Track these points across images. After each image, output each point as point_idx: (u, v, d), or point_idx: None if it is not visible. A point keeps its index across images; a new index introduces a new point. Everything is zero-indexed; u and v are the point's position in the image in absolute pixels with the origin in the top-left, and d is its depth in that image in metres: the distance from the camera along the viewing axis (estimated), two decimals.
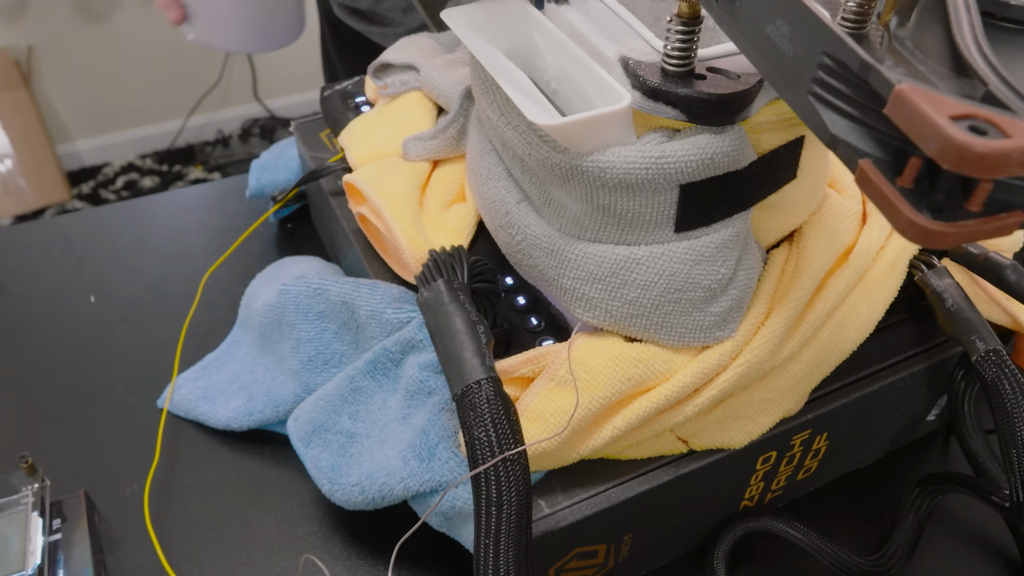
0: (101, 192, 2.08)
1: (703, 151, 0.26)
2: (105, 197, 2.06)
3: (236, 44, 0.50)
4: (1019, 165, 0.15)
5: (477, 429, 0.25)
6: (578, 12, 0.30)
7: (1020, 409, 0.29)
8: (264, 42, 0.50)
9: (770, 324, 0.30)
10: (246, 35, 0.50)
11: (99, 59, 2.00)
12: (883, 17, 0.26)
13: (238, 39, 0.50)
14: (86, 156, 2.14)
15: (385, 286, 0.37)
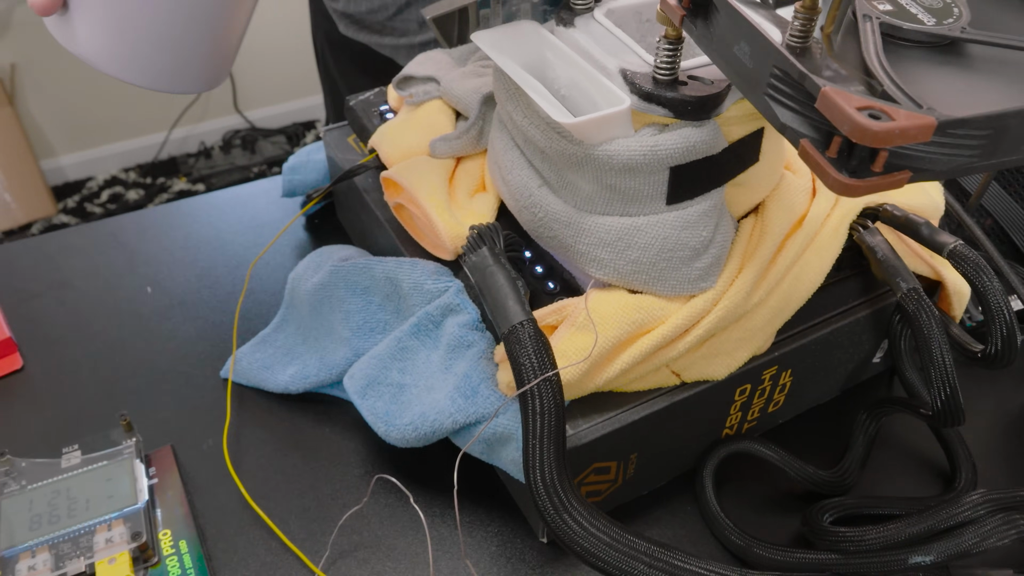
0: (86, 206, 2.12)
1: (687, 140, 0.34)
2: (91, 210, 2.10)
3: (109, 65, 0.35)
4: (901, 138, 0.23)
5: (522, 358, 0.32)
6: (582, 33, 0.38)
7: (934, 334, 0.37)
8: (148, 77, 0.35)
9: (742, 277, 0.38)
10: (125, 60, 0.35)
11: (81, 75, 2.04)
12: (825, 29, 0.33)
13: (113, 61, 0.35)
14: (70, 171, 2.18)
15: (423, 262, 0.44)
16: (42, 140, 2.10)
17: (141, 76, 0.35)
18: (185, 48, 0.34)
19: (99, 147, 2.19)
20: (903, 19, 0.27)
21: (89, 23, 0.33)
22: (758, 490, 0.44)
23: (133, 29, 0.33)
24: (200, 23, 0.34)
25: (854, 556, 0.37)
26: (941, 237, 0.38)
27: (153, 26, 0.33)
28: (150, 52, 0.33)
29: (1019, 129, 0.24)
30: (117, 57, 0.34)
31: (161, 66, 0.34)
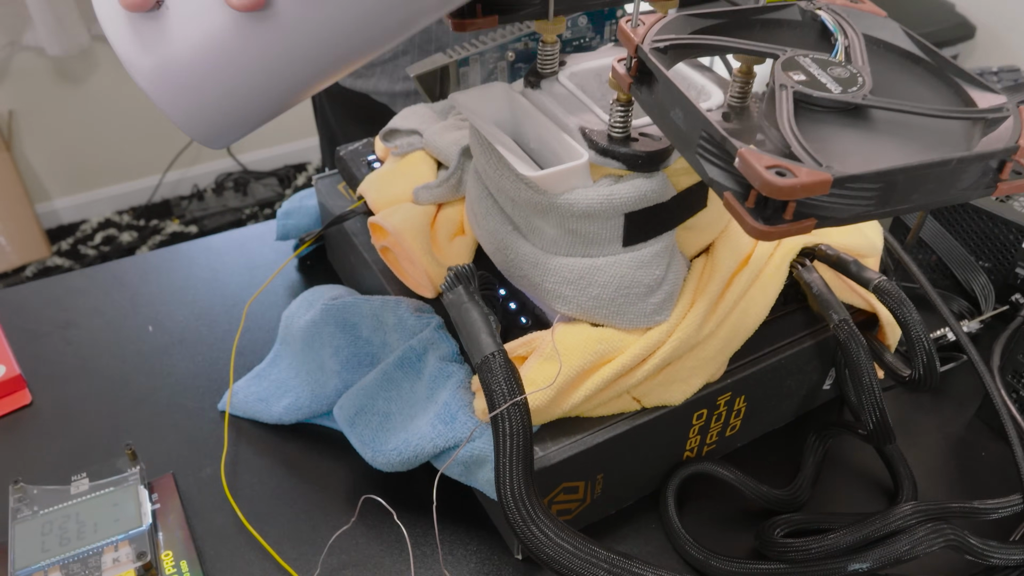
0: (80, 248, 2.15)
1: (639, 190, 0.38)
2: (84, 252, 2.13)
3: (173, 108, 0.32)
4: (803, 192, 0.27)
5: (493, 384, 0.36)
6: (547, 94, 0.43)
7: (862, 361, 0.41)
8: (196, 126, 0.33)
9: (694, 311, 0.42)
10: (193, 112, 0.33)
11: (77, 120, 2.09)
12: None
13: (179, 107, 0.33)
14: (64, 214, 2.22)
15: (407, 300, 0.48)
16: (37, 184, 2.14)
17: (182, 117, 0.32)
18: (237, 115, 0.33)
19: (93, 190, 2.23)
20: (814, 88, 0.32)
21: (166, 57, 0.31)
22: (717, 508, 0.48)
23: (207, 85, 0.31)
24: (265, 104, 0.33)
25: (800, 565, 0.41)
26: (867, 274, 0.43)
27: (227, 91, 0.32)
28: (207, 107, 0.32)
29: (907, 183, 0.29)
30: (173, 97, 0.32)
31: (206, 120, 0.33)
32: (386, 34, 0.33)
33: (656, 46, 0.34)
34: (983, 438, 0.52)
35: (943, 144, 0.31)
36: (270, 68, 0.31)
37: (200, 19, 0.30)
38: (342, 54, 0.32)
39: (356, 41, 0.32)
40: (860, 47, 0.35)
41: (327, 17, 0.30)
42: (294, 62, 0.31)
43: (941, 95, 0.34)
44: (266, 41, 0.30)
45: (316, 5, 0.30)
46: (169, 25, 0.30)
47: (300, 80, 0.32)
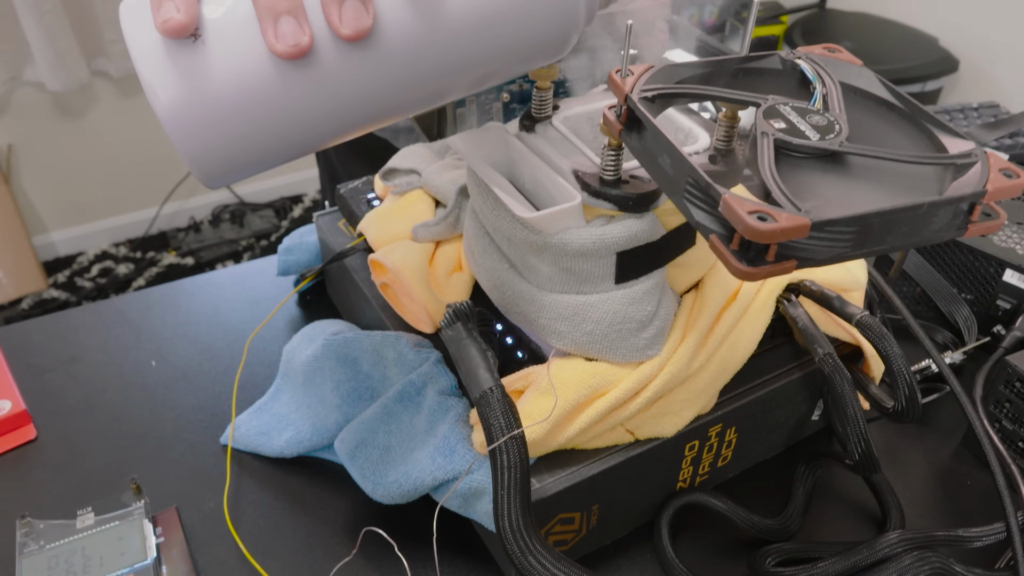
0: (76, 280, 2.16)
1: (630, 230, 0.40)
2: (80, 285, 2.14)
3: (197, 139, 0.31)
4: (783, 235, 0.29)
5: (492, 418, 0.37)
6: (541, 138, 0.45)
7: (846, 393, 0.43)
8: (218, 161, 0.32)
9: (684, 345, 0.43)
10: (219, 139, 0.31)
11: (76, 154, 2.12)
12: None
13: (204, 132, 0.31)
14: (61, 246, 2.23)
15: (407, 335, 0.49)
16: (35, 216, 2.16)
17: (193, 153, 0.31)
18: (249, 158, 0.32)
19: (90, 223, 2.25)
20: (793, 136, 0.34)
21: (193, 91, 0.30)
22: (710, 538, 0.49)
23: (228, 126, 0.31)
24: (282, 152, 0.33)
25: None
26: (850, 309, 0.44)
27: (247, 134, 0.31)
28: (221, 147, 0.31)
29: (881, 226, 0.30)
30: (189, 132, 0.30)
31: (217, 160, 0.32)
32: (426, 100, 0.34)
33: (644, 95, 0.36)
34: (968, 467, 0.53)
35: (916, 188, 0.33)
36: (300, 119, 0.31)
37: (238, 59, 0.30)
38: (376, 113, 0.33)
39: (392, 103, 0.33)
40: (837, 95, 0.37)
41: (371, 77, 0.31)
42: (326, 115, 0.32)
43: (914, 141, 0.36)
44: (302, 92, 0.30)
45: (361, 65, 0.31)
46: (203, 59, 0.30)
47: (326, 132, 0.33)
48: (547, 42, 0.34)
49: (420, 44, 0.31)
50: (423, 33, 0.31)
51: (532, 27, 0.33)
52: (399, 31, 0.31)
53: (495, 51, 0.33)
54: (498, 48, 0.33)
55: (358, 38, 0.30)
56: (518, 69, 0.36)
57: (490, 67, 0.34)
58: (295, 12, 0.29)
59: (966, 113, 0.89)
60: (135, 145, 2.17)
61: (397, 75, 0.31)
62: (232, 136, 0.31)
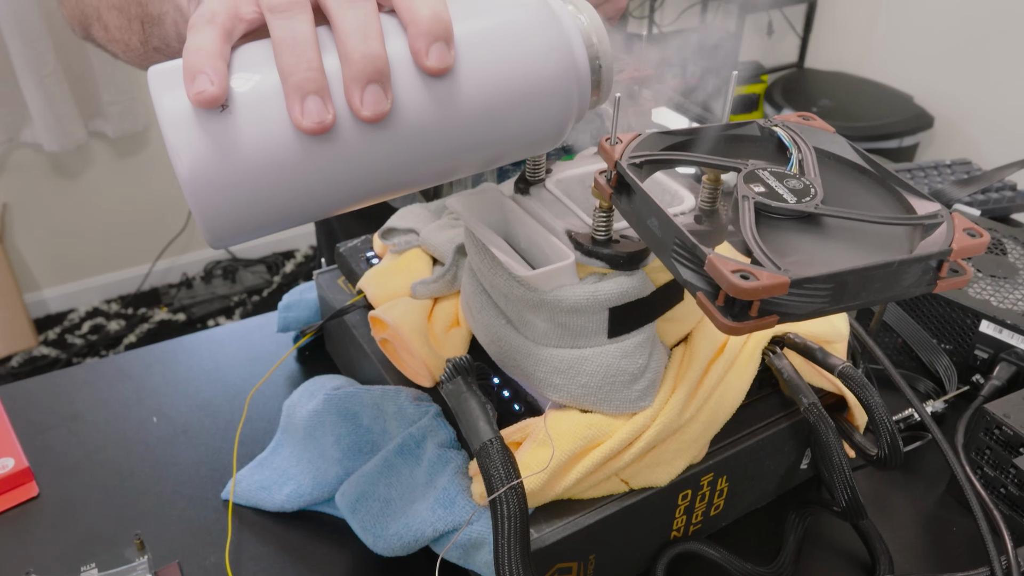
0: (67, 337, 2.16)
1: (621, 287, 0.42)
2: (71, 342, 2.14)
3: (216, 205, 0.32)
4: (764, 293, 0.31)
5: (492, 470, 0.39)
6: (536, 200, 0.47)
7: (831, 442, 0.44)
8: (233, 228, 0.34)
9: (675, 396, 0.45)
10: (241, 207, 0.33)
11: (70, 213, 2.14)
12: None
13: (225, 200, 0.32)
14: (52, 303, 2.23)
15: (406, 390, 0.51)
16: (27, 274, 2.17)
17: (208, 215, 0.32)
18: (262, 222, 0.34)
19: (82, 280, 2.26)
20: (772, 199, 0.36)
21: (218, 157, 0.31)
22: None
23: (249, 193, 0.32)
24: (294, 218, 0.34)
25: None
26: (832, 360, 0.46)
27: (265, 201, 0.33)
28: (236, 211, 0.33)
29: (856, 282, 0.33)
30: (209, 195, 0.32)
31: (230, 223, 0.33)
32: (433, 178, 0.37)
33: (633, 161, 0.39)
34: (953, 513, 0.55)
35: (887, 247, 0.35)
36: (314, 189, 0.33)
37: (262, 130, 0.32)
38: (387, 187, 0.35)
39: (403, 179, 0.35)
40: (812, 160, 0.40)
41: (385, 155, 0.34)
42: (339, 187, 0.34)
43: (884, 202, 0.38)
44: (320, 164, 0.33)
45: (377, 143, 0.33)
46: (230, 129, 0.31)
47: (337, 203, 0.35)
48: (545, 134, 0.38)
49: (432, 128, 0.34)
50: (436, 119, 0.34)
51: (533, 121, 0.36)
52: (414, 116, 0.33)
53: (499, 139, 0.36)
54: (502, 137, 0.36)
55: (377, 120, 0.32)
56: (519, 155, 0.39)
57: (494, 152, 0.37)
58: (321, 92, 0.31)
59: (940, 170, 0.93)
60: (130, 203, 2.19)
61: (409, 154, 0.34)
62: (248, 201, 0.33)
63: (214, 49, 0.31)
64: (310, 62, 0.31)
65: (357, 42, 0.31)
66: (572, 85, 0.37)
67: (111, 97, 1.99)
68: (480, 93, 0.34)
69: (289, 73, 0.31)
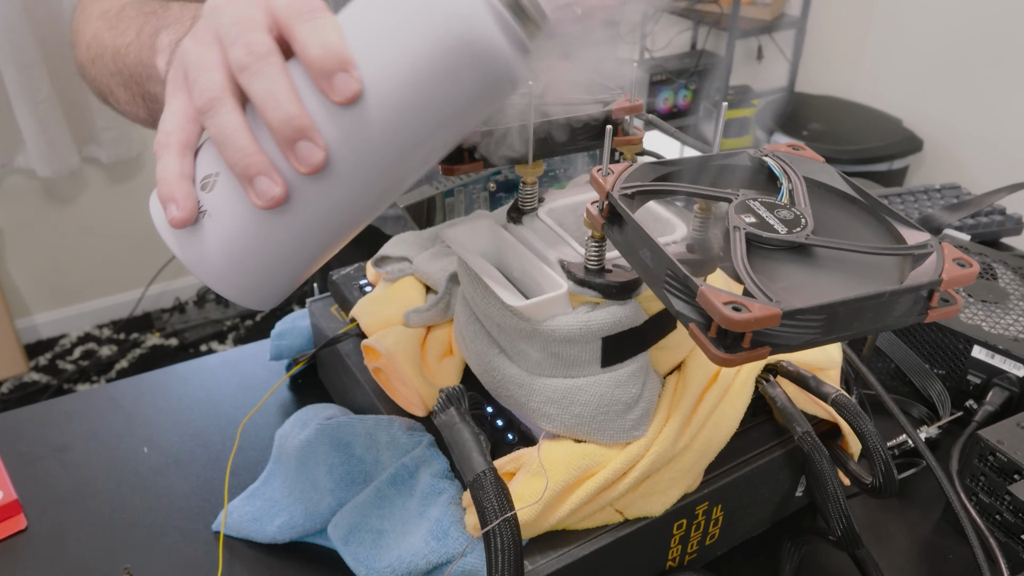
0: (58, 363, 2.15)
1: (614, 316, 0.42)
2: (62, 368, 2.12)
3: (227, 287, 0.37)
4: (756, 324, 0.31)
5: (485, 502, 0.39)
6: (529, 229, 0.47)
7: (826, 470, 0.44)
8: (255, 297, 0.38)
9: (669, 425, 0.45)
10: (250, 284, 0.37)
11: (63, 238, 2.13)
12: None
13: (234, 282, 0.37)
14: (43, 329, 2.22)
15: (399, 419, 0.51)
16: (18, 300, 2.16)
17: (235, 295, 0.37)
18: (282, 281, 0.38)
19: (74, 305, 2.25)
20: (763, 229, 0.36)
21: (211, 250, 0.36)
22: None
23: (246, 265, 0.36)
24: (295, 270, 0.38)
25: None
26: (825, 388, 0.46)
27: (262, 265, 0.37)
28: (249, 281, 0.37)
29: (847, 313, 0.33)
30: (224, 283, 0.37)
31: (254, 292, 0.38)
32: (406, 177, 0.38)
33: (624, 192, 0.39)
34: (949, 540, 0.54)
35: (878, 277, 0.35)
36: (303, 243, 0.37)
37: (238, 219, 0.36)
38: (363, 211, 0.38)
39: (373, 198, 0.37)
40: (802, 190, 0.40)
41: (345, 190, 0.35)
42: (324, 232, 0.37)
43: (874, 232, 0.39)
44: (294, 224, 0.36)
45: (333, 184, 0.35)
46: (213, 227, 0.36)
47: (330, 243, 0.38)
48: (496, 82, 0.36)
49: (381, 140, 0.35)
50: (379, 132, 0.35)
51: (475, 80, 0.35)
52: (357, 143, 0.35)
53: (453, 111, 0.36)
54: (455, 108, 0.36)
55: (317, 171, 0.34)
56: (484, 109, 0.38)
57: (457, 122, 0.37)
58: (265, 170, 0.34)
59: (929, 194, 0.93)
60: (123, 228, 2.19)
61: (366, 177, 0.35)
62: (258, 272, 0.37)
63: (175, 173, 0.35)
64: (243, 149, 0.34)
65: (271, 110, 0.33)
66: (491, 32, 0.34)
67: (105, 123, 2.00)
68: (406, 87, 0.34)
69: (232, 164, 0.34)
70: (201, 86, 0.34)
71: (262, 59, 0.33)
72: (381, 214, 0.79)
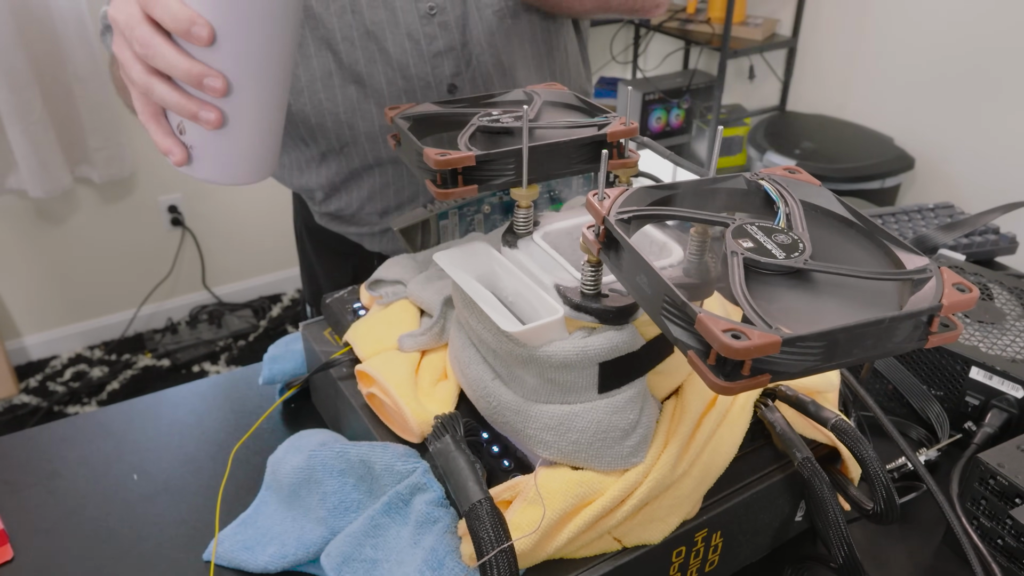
0: (49, 385, 2.13)
1: (611, 341, 0.42)
2: (53, 389, 2.10)
3: (234, 178, 0.51)
4: (756, 352, 0.30)
5: (481, 532, 0.38)
6: (524, 253, 0.47)
7: (827, 498, 0.44)
8: (256, 174, 0.52)
9: (667, 451, 0.44)
10: (245, 169, 0.51)
11: (54, 259, 2.12)
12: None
13: (237, 173, 0.51)
14: (33, 350, 2.20)
15: (393, 445, 0.50)
16: (8, 321, 2.14)
17: (243, 179, 0.51)
18: (264, 151, 0.51)
19: (65, 326, 2.23)
20: (761, 254, 0.36)
21: (208, 163, 0.50)
22: None
23: (238, 151, 0.50)
24: (269, 135, 0.50)
25: None
26: (824, 413, 0.46)
27: (250, 138, 0.49)
28: (247, 165, 0.51)
29: (847, 340, 0.32)
30: (244, 170, 0.51)
31: (253, 169, 0.51)
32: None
33: (621, 217, 0.38)
34: (951, 565, 0.54)
35: (877, 302, 0.35)
36: (251, 129, 0.49)
37: (204, 140, 0.49)
38: (273, 95, 0.49)
39: (272, 91, 0.49)
40: (799, 214, 0.40)
41: (251, 95, 0.48)
42: (257, 119, 0.49)
43: (872, 256, 0.38)
44: (237, 123, 0.48)
45: (242, 95, 0.47)
46: (199, 153, 0.50)
47: (267, 120, 0.50)
48: None
49: (249, 47, 0.46)
50: (243, 45, 0.46)
51: None
52: (235, 59, 0.46)
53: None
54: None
55: (225, 91, 0.46)
56: None
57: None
58: (198, 107, 0.47)
59: (923, 213, 0.93)
60: (115, 249, 2.18)
61: (258, 68, 0.47)
62: (244, 157, 0.51)
63: (160, 134, 0.50)
64: (178, 103, 0.47)
65: (175, 73, 0.46)
66: None
67: (97, 143, 1.99)
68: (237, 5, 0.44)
69: (181, 113, 0.48)
70: (132, 77, 0.48)
71: (151, 46, 0.46)
72: (357, 227, 0.82)
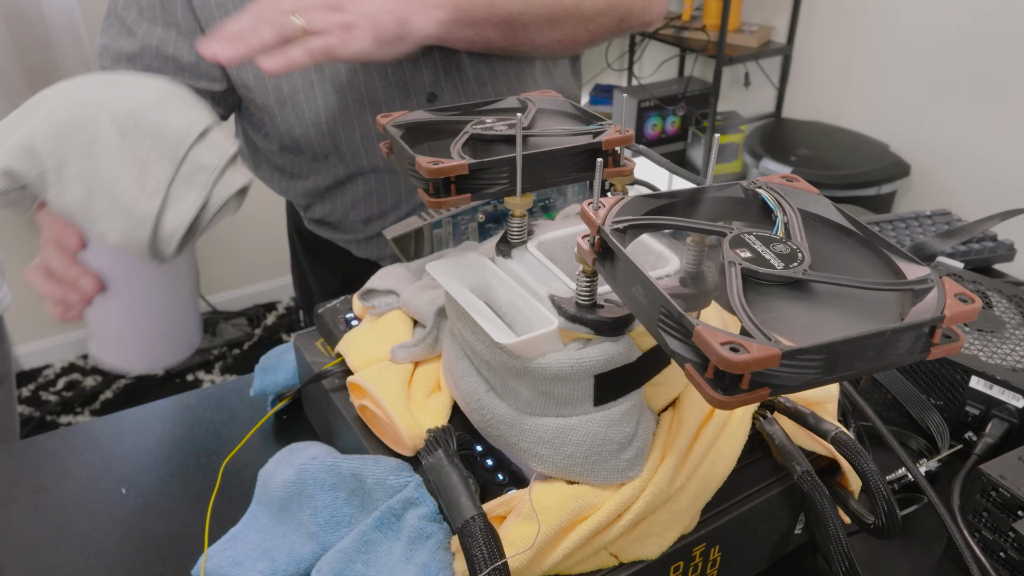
0: (41, 394, 2.11)
1: (607, 353, 0.41)
2: (45, 399, 2.09)
3: (129, 365, 0.51)
4: (755, 365, 0.30)
5: (474, 549, 0.37)
6: (518, 263, 0.46)
7: (827, 511, 0.43)
8: (160, 361, 0.53)
9: (665, 464, 0.44)
10: (143, 357, 0.52)
11: None
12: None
13: (131, 360, 0.52)
14: (26, 359, 2.19)
15: (386, 459, 0.49)
16: None
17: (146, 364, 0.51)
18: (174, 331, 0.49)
19: (58, 335, 2.21)
20: (759, 264, 0.35)
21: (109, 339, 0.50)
22: None
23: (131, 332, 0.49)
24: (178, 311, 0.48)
25: None
26: (824, 425, 0.45)
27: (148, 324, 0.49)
28: (152, 347, 0.50)
29: (848, 353, 0.32)
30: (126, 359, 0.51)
31: (171, 349, 0.51)
32: None
33: (616, 227, 0.38)
34: None
35: (878, 314, 0.34)
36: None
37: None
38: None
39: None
40: (798, 222, 0.39)
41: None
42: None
43: (872, 265, 0.38)
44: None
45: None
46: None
47: None
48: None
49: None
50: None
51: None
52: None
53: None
54: None
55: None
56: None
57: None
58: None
59: (920, 221, 0.93)
60: None
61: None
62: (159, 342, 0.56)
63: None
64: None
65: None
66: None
67: None
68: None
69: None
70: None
71: (45, 244, 0.54)
72: (342, 234, 0.84)
